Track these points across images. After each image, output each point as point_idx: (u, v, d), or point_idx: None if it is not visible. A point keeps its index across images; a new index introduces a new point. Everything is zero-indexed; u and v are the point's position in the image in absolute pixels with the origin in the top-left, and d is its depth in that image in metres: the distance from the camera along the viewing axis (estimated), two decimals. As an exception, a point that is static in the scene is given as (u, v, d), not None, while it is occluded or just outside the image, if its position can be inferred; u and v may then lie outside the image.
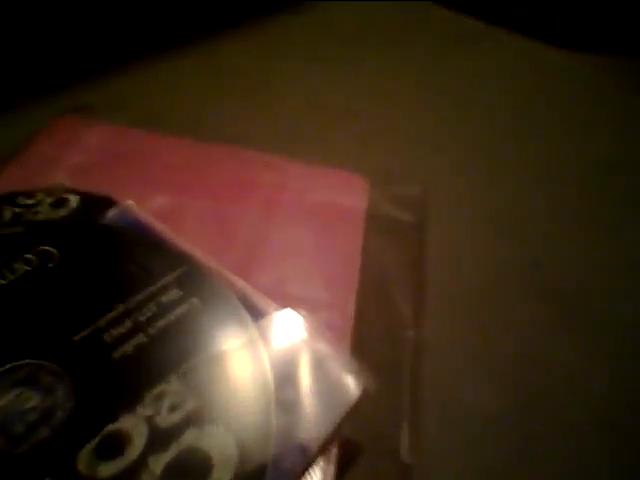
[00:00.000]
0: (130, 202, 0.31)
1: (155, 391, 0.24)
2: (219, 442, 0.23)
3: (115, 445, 0.23)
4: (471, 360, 0.31)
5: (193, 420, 0.24)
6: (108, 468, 0.22)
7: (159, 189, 0.36)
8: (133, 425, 0.23)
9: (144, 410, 0.24)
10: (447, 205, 0.40)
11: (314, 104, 0.49)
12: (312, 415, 0.25)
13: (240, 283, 0.29)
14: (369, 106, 0.50)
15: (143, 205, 0.32)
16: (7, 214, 0.30)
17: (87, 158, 0.37)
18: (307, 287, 0.31)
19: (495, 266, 0.36)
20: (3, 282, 0.27)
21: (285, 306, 0.28)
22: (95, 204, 0.31)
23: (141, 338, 0.26)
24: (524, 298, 0.34)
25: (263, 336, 0.27)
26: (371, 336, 0.29)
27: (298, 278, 0.32)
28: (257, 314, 0.27)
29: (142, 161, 0.38)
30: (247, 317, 0.27)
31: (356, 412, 0.24)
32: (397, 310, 0.31)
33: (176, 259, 0.29)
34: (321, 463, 0.24)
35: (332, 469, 0.24)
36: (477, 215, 0.40)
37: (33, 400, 0.24)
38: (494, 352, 0.31)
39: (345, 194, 0.38)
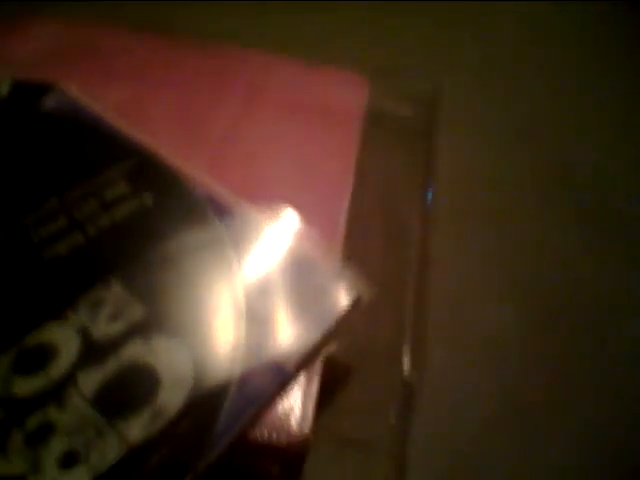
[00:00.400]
0: (72, 88, 0.26)
1: (92, 297, 0.19)
2: (169, 357, 0.18)
3: (37, 358, 0.18)
4: (479, 278, 0.26)
5: (138, 331, 0.19)
6: (26, 385, 0.17)
7: (119, 83, 0.30)
8: (61, 335, 0.18)
9: (77, 318, 0.19)
10: (460, 108, 0.34)
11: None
12: (291, 328, 0.20)
13: (206, 180, 0.23)
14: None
15: (99, 99, 0.26)
16: None
17: (35, 53, 0.31)
18: (290, 190, 0.26)
19: (512, 176, 0.31)
20: None
21: (263, 207, 0.23)
22: (30, 90, 0.26)
23: (78, 238, 0.21)
24: (540, 213, 0.29)
25: (231, 237, 0.22)
26: (370, 248, 0.24)
27: (280, 181, 0.26)
28: (225, 213, 0.22)
29: (101, 55, 0.32)
30: (212, 216, 0.22)
31: (348, 325, 0.19)
32: (400, 221, 0.26)
33: (125, 150, 0.24)
34: (302, 383, 0.19)
35: (314, 391, 0.19)
36: (493, 119, 0.34)
37: None
38: (506, 270, 0.26)
39: (340, 92, 0.33)
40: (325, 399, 0.19)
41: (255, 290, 0.21)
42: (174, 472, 0.17)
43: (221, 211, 0.23)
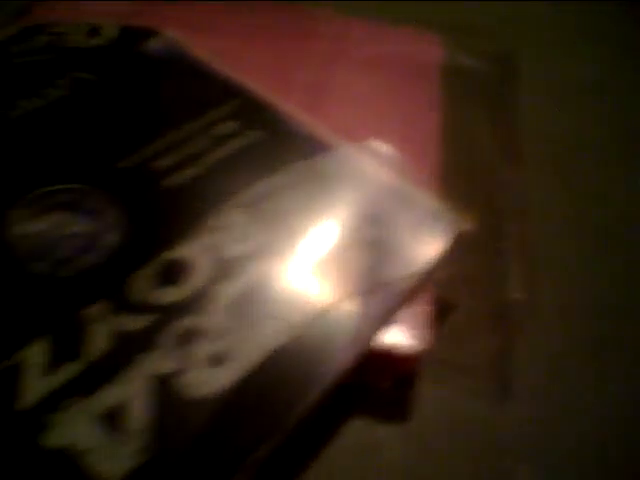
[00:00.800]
0: (174, 33, 0.27)
1: (216, 222, 0.21)
2: (291, 277, 0.20)
3: (176, 272, 0.19)
4: (573, 217, 0.27)
5: (262, 253, 0.20)
6: (170, 294, 0.19)
7: (207, 34, 0.31)
8: (195, 253, 0.20)
9: (206, 240, 0.20)
10: (537, 63, 0.35)
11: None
12: (402, 253, 0.21)
13: (305, 118, 0.25)
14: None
15: (197, 46, 0.28)
16: (38, 42, 0.26)
17: (128, 7, 0.33)
18: (383, 132, 0.27)
19: (592, 125, 0.32)
20: (35, 106, 0.23)
21: (361, 144, 0.24)
22: (135, 34, 0.27)
23: (196, 169, 0.22)
24: (623, 162, 0.30)
25: (336, 170, 0.23)
26: (463, 187, 0.25)
27: (371, 124, 0.28)
28: (327, 149, 0.24)
29: (189, 10, 0.33)
30: (317, 149, 0.24)
31: (454, 252, 0.21)
32: (488, 168, 0.27)
33: (229, 91, 0.25)
34: (415, 306, 0.21)
35: (426, 312, 0.21)
36: (572, 74, 0.35)
37: (77, 225, 0.20)
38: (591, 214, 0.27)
39: (417, 48, 0.34)
40: (434, 324, 0.21)
41: (363, 220, 0.22)
42: (303, 381, 0.18)
43: (323, 147, 0.24)
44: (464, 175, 0.27)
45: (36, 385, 0.17)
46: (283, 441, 0.17)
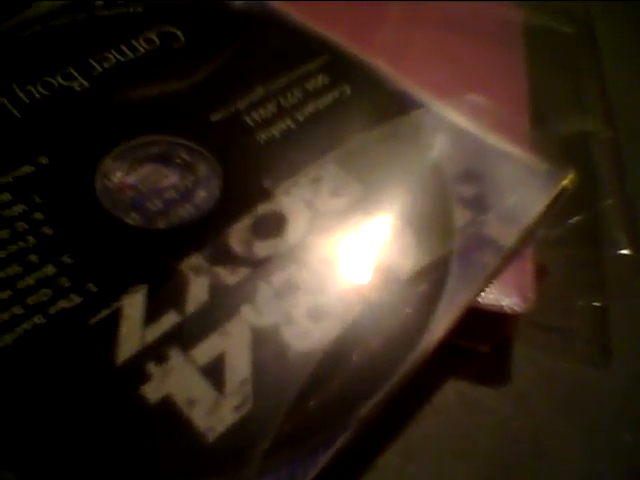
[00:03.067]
0: None
1: (311, 175, 0.20)
2: (387, 233, 0.19)
3: (272, 224, 0.18)
4: None
5: (358, 206, 0.19)
6: (267, 246, 0.18)
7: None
8: (291, 206, 0.19)
9: (301, 192, 0.19)
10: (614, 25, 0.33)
11: None
12: (502, 209, 0.20)
13: (395, 74, 0.24)
14: None
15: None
16: (122, -4, 0.25)
17: None
18: (470, 89, 0.26)
19: None
20: (123, 60, 0.23)
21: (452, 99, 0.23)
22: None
23: (288, 123, 0.21)
24: None
25: (432, 124, 0.22)
26: (555, 149, 0.24)
27: (457, 81, 0.26)
28: (418, 104, 0.22)
29: None
30: (410, 105, 0.22)
31: (555, 209, 0.19)
32: (579, 129, 0.26)
33: (319, 46, 0.24)
34: (518, 263, 0.20)
35: (530, 270, 0.19)
36: None
37: (170, 178, 0.19)
38: None
39: (496, 9, 0.32)
40: (535, 284, 0.19)
41: (461, 174, 0.21)
42: (404, 338, 0.17)
43: (416, 103, 0.23)
44: (556, 133, 0.25)
45: (135, 335, 0.16)
46: (387, 400, 0.16)
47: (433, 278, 0.18)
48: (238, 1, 0.26)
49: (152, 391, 0.15)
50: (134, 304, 0.17)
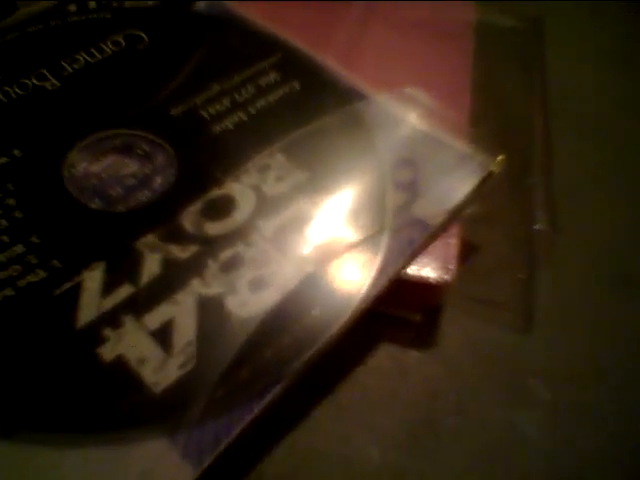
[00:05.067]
0: None
1: (259, 162, 0.22)
2: (326, 213, 0.21)
3: (221, 208, 0.21)
4: (595, 163, 0.27)
5: (301, 191, 0.21)
6: (215, 227, 0.20)
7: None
8: (239, 191, 0.21)
9: (249, 179, 0.22)
10: (563, 22, 0.36)
11: None
12: (432, 193, 0.22)
13: (343, 70, 0.26)
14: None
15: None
16: (92, 2, 0.28)
17: None
18: (416, 83, 0.28)
19: (617, 82, 0.32)
20: (91, 61, 0.25)
21: (396, 92, 0.25)
22: (184, -5, 0.29)
23: (241, 116, 0.24)
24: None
25: (371, 117, 0.24)
26: (490, 137, 0.26)
27: (406, 76, 0.28)
28: (363, 97, 0.25)
29: None
30: (354, 97, 0.25)
31: (481, 192, 0.21)
32: (516, 115, 0.28)
33: (272, 45, 0.27)
34: (444, 240, 0.22)
35: (454, 245, 0.21)
36: (596, 37, 0.35)
37: (130, 167, 0.22)
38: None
39: (450, 8, 0.35)
40: (460, 258, 0.22)
41: (397, 161, 0.23)
42: (334, 305, 0.20)
43: (359, 96, 0.25)
44: (494, 121, 0.28)
45: (94, 303, 0.18)
46: (317, 359, 0.19)
47: (365, 253, 0.21)
48: (200, 2, 0.28)
49: (107, 351, 0.18)
50: (93, 278, 0.19)
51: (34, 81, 0.24)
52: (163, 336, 0.18)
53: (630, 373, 0.21)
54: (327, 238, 0.21)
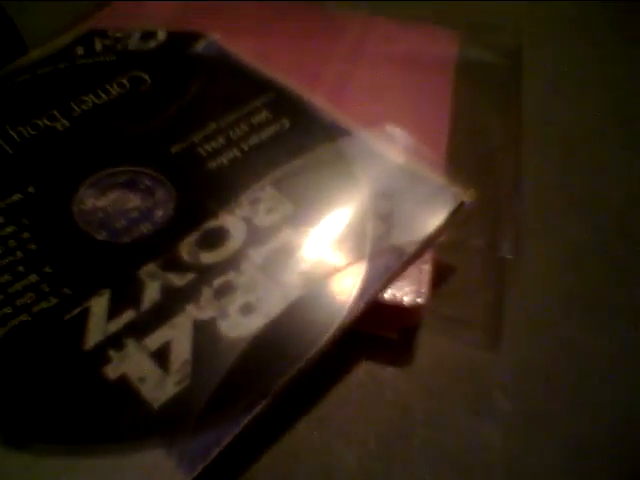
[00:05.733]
0: (217, 35, 0.31)
1: (251, 196, 0.24)
2: (311, 243, 0.23)
3: (216, 238, 0.23)
4: (561, 190, 0.29)
5: (288, 222, 0.24)
6: (210, 256, 0.22)
7: (246, 35, 0.35)
8: (232, 223, 0.24)
9: (242, 212, 0.24)
10: (542, 56, 0.38)
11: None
12: (408, 223, 0.24)
13: (329, 108, 0.28)
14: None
15: (233, 44, 0.32)
16: (98, 45, 0.30)
17: (172, 12, 0.37)
18: (398, 120, 0.30)
19: (588, 112, 0.34)
20: (98, 102, 0.27)
21: (378, 130, 0.27)
22: (183, 37, 0.31)
23: (235, 152, 0.26)
24: (622, 149, 0.32)
25: (354, 152, 0.26)
26: (467, 165, 0.29)
27: (388, 113, 0.31)
28: (347, 134, 0.27)
29: (228, 13, 0.37)
30: (336, 136, 0.27)
31: (453, 223, 0.24)
32: (492, 144, 0.30)
33: (264, 85, 0.29)
34: (419, 266, 0.24)
35: (428, 271, 0.24)
36: (571, 68, 0.38)
37: (134, 201, 0.24)
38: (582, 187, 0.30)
39: (433, 44, 0.37)
40: (434, 284, 0.24)
41: (377, 194, 0.25)
42: (316, 327, 0.22)
43: (343, 132, 0.28)
44: (470, 155, 0.30)
45: (100, 327, 0.21)
46: (300, 376, 0.21)
47: (346, 278, 0.23)
48: (199, 47, 0.31)
49: (112, 371, 0.20)
50: (100, 304, 0.21)
51: (45, 121, 0.26)
52: (161, 356, 0.20)
53: (587, 387, 0.23)
54: (312, 265, 0.23)
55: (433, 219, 0.24)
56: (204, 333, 0.21)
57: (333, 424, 0.22)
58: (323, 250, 0.23)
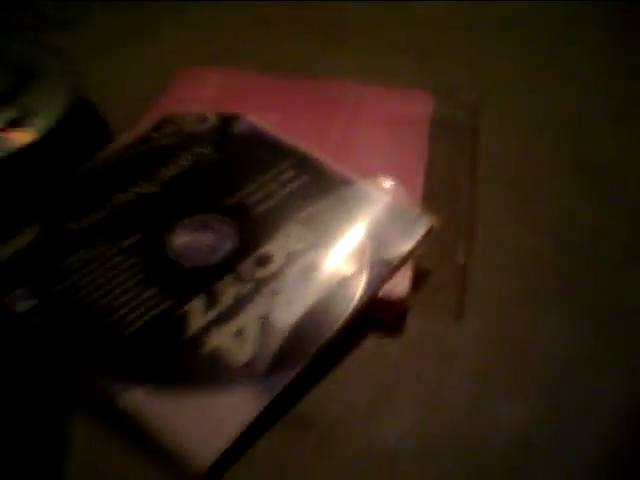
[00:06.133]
0: (252, 117, 0.44)
1: (284, 230, 0.37)
2: (328, 260, 0.36)
3: (265, 260, 0.35)
4: (514, 215, 0.42)
5: (311, 247, 0.36)
6: (261, 272, 0.35)
7: (270, 111, 0.48)
8: (275, 250, 0.36)
9: (280, 242, 0.36)
10: (500, 113, 0.51)
11: (382, 42, 0.61)
12: (394, 242, 0.37)
13: (337, 165, 0.41)
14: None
15: (262, 121, 0.45)
16: (167, 129, 0.43)
17: (214, 94, 0.50)
18: (387, 169, 0.43)
19: (539, 152, 0.47)
20: (176, 172, 0.40)
21: (371, 179, 0.40)
22: (228, 120, 0.44)
23: (271, 203, 0.39)
24: (562, 189, 0.46)
25: (355, 197, 0.39)
26: (438, 201, 0.41)
27: (379, 165, 0.44)
28: (350, 183, 0.40)
29: (254, 93, 0.51)
30: (343, 184, 0.40)
31: (426, 241, 0.36)
32: (457, 187, 0.43)
33: (288, 151, 0.42)
34: (403, 271, 0.36)
35: (409, 274, 0.36)
36: (525, 117, 0.51)
37: (209, 238, 0.37)
38: (535, 214, 0.43)
39: (413, 107, 0.50)
40: (415, 283, 0.36)
41: (371, 225, 0.38)
42: (333, 317, 0.34)
43: (347, 183, 0.40)
44: (440, 193, 0.43)
45: (198, 320, 0.33)
46: (325, 347, 0.33)
47: (353, 282, 0.35)
48: (238, 126, 0.44)
49: (205, 348, 0.32)
50: (196, 305, 0.34)
51: (139, 189, 0.39)
52: (238, 336, 0.33)
53: (544, 387, 0.35)
54: (329, 275, 0.35)
55: (411, 239, 0.37)
56: (264, 320, 0.33)
57: (346, 381, 0.34)
58: (336, 264, 0.36)
